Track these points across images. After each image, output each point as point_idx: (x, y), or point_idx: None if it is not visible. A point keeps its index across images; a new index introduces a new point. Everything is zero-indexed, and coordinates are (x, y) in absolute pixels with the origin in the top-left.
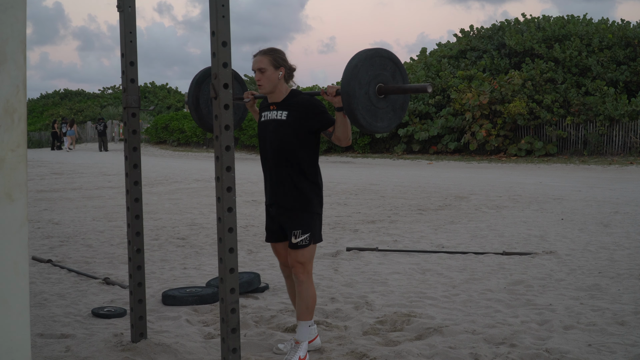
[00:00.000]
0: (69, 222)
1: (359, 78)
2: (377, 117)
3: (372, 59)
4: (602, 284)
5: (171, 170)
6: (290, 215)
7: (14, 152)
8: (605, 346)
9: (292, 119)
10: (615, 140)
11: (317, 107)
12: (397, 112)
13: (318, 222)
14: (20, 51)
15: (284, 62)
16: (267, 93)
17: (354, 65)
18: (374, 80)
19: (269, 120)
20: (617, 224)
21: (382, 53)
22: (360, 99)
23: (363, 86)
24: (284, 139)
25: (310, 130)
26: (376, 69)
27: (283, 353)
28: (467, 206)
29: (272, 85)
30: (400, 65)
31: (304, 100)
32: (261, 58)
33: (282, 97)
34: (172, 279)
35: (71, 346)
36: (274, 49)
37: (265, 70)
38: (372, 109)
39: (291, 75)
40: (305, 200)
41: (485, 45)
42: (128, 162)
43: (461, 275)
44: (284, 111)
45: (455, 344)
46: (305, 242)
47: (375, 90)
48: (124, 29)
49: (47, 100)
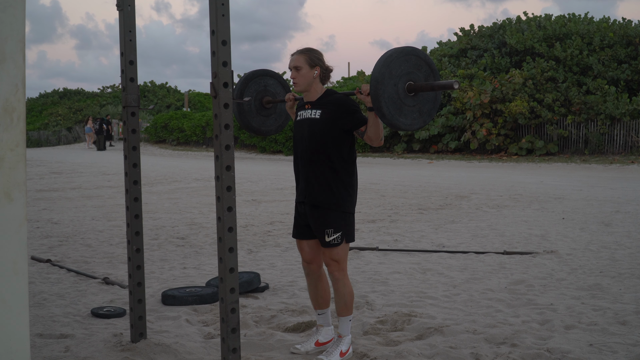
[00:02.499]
0: (68, 222)
1: (390, 68)
2: (401, 112)
3: (408, 55)
4: (603, 284)
5: (171, 170)
6: (322, 214)
7: (13, 152)
8: (607, 346)
9: (325, 118)
10: (617, 140)
11: (350, 105)
12: (423, 115)
13: (350, 221)
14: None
15: (320, 61)
16: (302, 91)
17: (389, 55)
18: (405, 76)
19: (303, 119)
20: (618, 223)
21: (420, 54)
22: (387, 88)
23: (393, 77)
24: (317, 137)
25: (343, 128)
26: (410, 66)
27: (301, 353)
28: (468, 205)
29: (307, 83)
30: (435, 70)
31: (338, 99)
32: (297, 57)
33: (317, 96)
34: (172, 278)
35: (70, 346)
36: (311, 49)
37: (300, 68)
38: (397, 102)
39: (327, 75)
40: (337, 199)
41: (486, 44)
42: (127, 162)
43: (462, 275)
44: (317, 110)
45: (456, 344)
46: (337, 240)
47: (404, 87)
48: (123, 28)
49: (46, 100)
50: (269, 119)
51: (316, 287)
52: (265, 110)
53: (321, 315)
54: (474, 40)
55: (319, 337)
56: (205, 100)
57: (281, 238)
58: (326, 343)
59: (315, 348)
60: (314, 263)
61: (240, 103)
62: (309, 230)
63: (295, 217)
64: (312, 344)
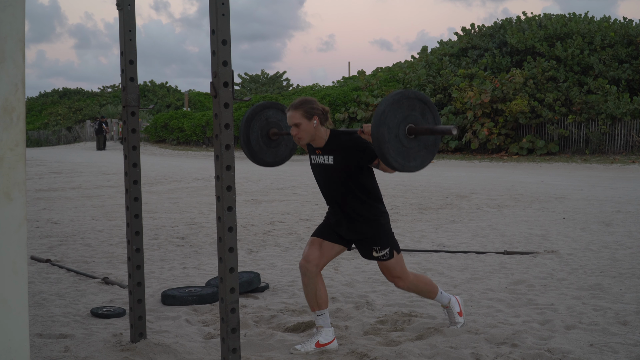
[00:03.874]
0: (68, 222)
1: (387, 123)
2: (409, 157)
3: (400, 102)
4: (604, 284)
5: (171, 169)
6: (367, 241)
7: (12, 151)
8: (608, 346)
9: (338, 162)
10: (617, 139)
11: (358, 145)
12: (429, 149)
13: (392, 234)
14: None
15: (316, 110)
16: (308, 142)
17: (382, 112)
18: (403, 122)
19: (318, 164)
20: (619, 223)
21: (409, 94)
22: (390, 143)
23: (392, 129)
24: (338, 180)
25: (357, 166)
26: (404, 111)
27: (301, 354)
28: (469, 205)
29: (310, 135)
30: (429, 103)
31: (345, 141)
32: (293, 113)
33: (324, 141)
34: (172, 278)
35: (70, 346)
36: (303, 101)
37: (300, 124)
38: (403, 151)
39: (325, 118)
40: (376, 225)
41: (486, 44)
42: (127, 161)
43: (462, 275)
44: (329, 155)
45: (457, 344)
46: (386, 256)
47: (405, 132)
48: (123, 27)
49: (45, 99)
50: (279, 149)
51: (314, 288)
52: (273, 142)
53: (320, 317)
54: (474, 40)
55: (320, 338)
56: (205, 100)
57: (281, 238)
58: (327, 344)
59: (316, 349)
60: (313, 263)
61: (250, 143)
62: (337, 237)
63: (325, 223)
64: (313, 344)
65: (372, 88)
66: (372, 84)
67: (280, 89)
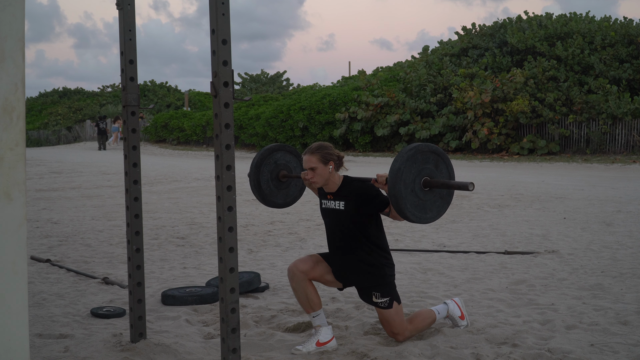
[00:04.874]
0: (68, 222)
1: (403, 179)
2: (425, 209)
3: (414, 156)
4: (604, 284)
5: (171, 169)
6: (368, 289)
7: (12, 151)
8: (608, 346)
9: (349, 208)
10: (618, 139)
11: (370, 193)
12: (445, 198)
13: (394, 287)
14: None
15: (332, 155)
16: (321, 186)
17: (397, 169)
18: (418, 177)
19: (329, 209)
20: (619, 222)
21: (422, 148)
22: (407, 199)
23: (408, 185)
24: (347, 227)
25: (368, 214)
26: (419, 165)
27: (303, 353)
28: (469, 205)
29: (324, 179)
30: (443, 155)
31: (357, 188)
32: (310, 157)
33: (337, 187)
34: (172, 278)
35: (70, 346)
36: (320, 146)
37: (316, 168)
38: (420, 204)
39: (341, 163)
40: (376, 276)
41: (487, 43)
42: (127, 161)
43: (463, 275)
44: (340, 201)
45: (457, 344)
46: (385, 304)
47: (420, 185)
48: (123, 27)
49: (45, 99)
50: (290, 190)
51: (304, 292)
52: (283, 184)
53: (316, 317)
54: (475, 40)
55: (320, 337)
56: (206, 100)
57: (281, 238)
58: (327, 343)
59: (317, 348)
60: (301, 272)
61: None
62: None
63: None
64: (313, 344)
65: (372, 88)
66: (373, 83)
67: (280, 89)
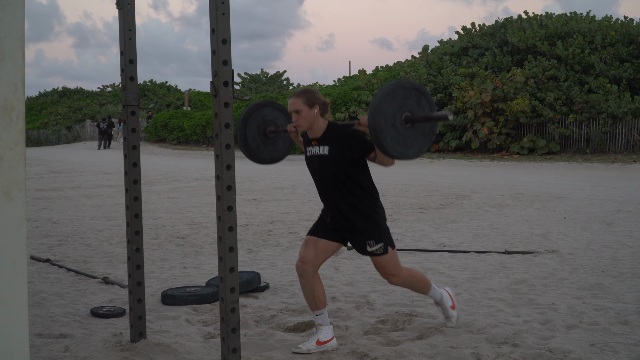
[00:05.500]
0: (68, 221)
1: (383, 113)
2: (407, 145)
3: (395, 92)
4: (605, 283)
5: (171, 169)
6: (360, 234)
7: (12, 151)
8: (608, 346)
9: (334, 153)
10: (618, 138)
11: (355, 136)
12: (427, 135)
13: (387, 230)
14: (19, 49)
15: (317, 99)
16: (305, 130)
17: (377, 102)
18: (399, 111)
19: (313, 155)
20: (620, 222)
21: (404, 84)
22: (387, 132)
23: (389, 119)
24: (332, 172)
25: (353, 158)
26: (400, 100)
27: (303, 352)
28: (469, 205)
29: (309, 123)
30: (424, 92)
31: (342, 132)
32: (295, 100)
33: (321, 132)
34: (172, 278)
35: (70, 346)
36: (306, 90)
37: (300, 111)
38: (400, 139)
39: (326, 109)
40: (370, 219)
41: (487, 43)
42: (127, 161)
43: (463, 275)
44: (325, 146)
45: (457, 344)
46: (380, 250)
47: (402, 120)
48: (123, 27)
49: (45, 99)
50: (277, 146)
51: (311, 288)
52: (271, 140)
53: (319, 316)
54: (475, 39)
55: (320, 336)
56: (206, 99)
57: (282, 237)
58: (327, 342)
59: (317, 347)
60: (309, 264)
61: (247, 142)
62: (331, 233)
63: (320, 221)
64: (314, 342)
65: (372, 87)
66: (373, 83)
67: (280, 88)
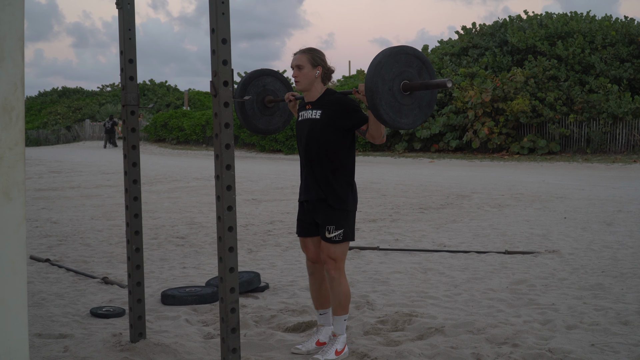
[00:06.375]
0: (67, 221)
1: (382, 74)
2: (401, 113)
3: (397, 55)
4: (605, 283)
5: (170, 169)
6: (325, 212)
7: (12, 151)
8: (609, 346)
9: (325, 117)
10: (619, 138)
11: (350, 105)
12: (423, 109)
13: (352, 220)
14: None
15: (322, 62)
16: (303, 90)
17: (378, 62)
18: (398, 77)
19: (304, 119)
20: (620, 222)
21: (408, 50)
22: (383, 95)
23: (387, 82)
24: (318, 137)
25: (343, 128)
26: (401, 66)
27: (302, 353)
28: (469, 205)
29: (309, 82)
30: (427, 62)
31: (338, 98)
32: (300, 56)
33: (317, 96)
34: (172, 278)
35: (69, 346)
36: (314, 49)
37: (302, 67)
38: (395, 105)
39: (329, 76)
40: (339, 197)
41: (487, 43)
42: (127, 160)
43: (463, 275)
44: (318, 110)
45: (457, 344)
46: (338, 237)
47: (400, 87)
48: (122, 26)
49: (45, 98)
50: (274, 118)
51: (319, 287)
52: (268, 110)
53: (323, 315)
54: (475, 39)
55: (320, 337)
56: (205, 99)
57: (281, 237)
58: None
59: (317, 348)
60: (319, 262)
61: (243, 107)
62: (313, 228)
63: (299, 216)
64: (313, 343)
65: None
66: None
67: None
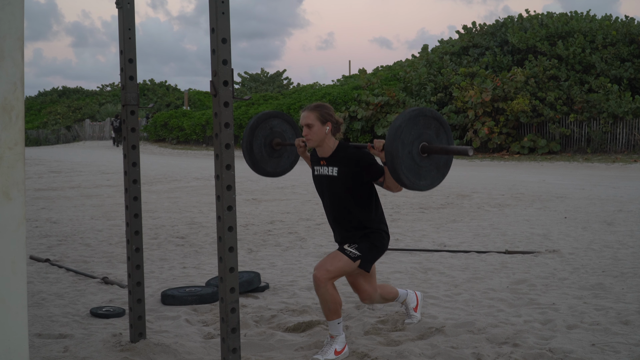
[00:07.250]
0: (67, 221)
1: (402, 138)
2: (420, 175)
3: (416, 118)
4: (605, 283)
5: (170, 169)
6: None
7: (11, 150)
8: (609, 346)
9: (342, 175)
10: (619, 138)
11: (365, 160)
12: (440, 169)
13: (374, 253)
14: (18, 48)
15: (331, 117)
16: (315, 147)
17: (398, 126)
18: (417, 140)
19: (322, 175)
20: (620, 222)
21: (426, 113)
22: (403, 159)
23: (406, 146)
24: (340, 194)
25: (361, 182)
26: (420, 128)
27: None
28: (470, 204)
29: (320, 139)
30: (444, 123)
31: (352, 154)
32: (308, 114)
33: (331, 152)
34: (172, 278)
35: (69, 346)
36: (321, 105)
37: (312, 125)
38: (415, 168)
39: (338, 128)
40: (371, 236)
41: (487, 42)
42: (127, 160)
43: (463, 275)
44: (334, 167)
45: (458, 344)
46: (352, 254)
47: (418, 150)
48: (122, 26)
49: (44, 98)
50: (282, 160)
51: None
52: (276, 152)
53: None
54: (475, 38)
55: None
56: (205, 99)
57: (281, 237)
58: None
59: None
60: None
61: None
62: None
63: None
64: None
65: (372, 87)
66: (373, 82)
67: (280, 88)
